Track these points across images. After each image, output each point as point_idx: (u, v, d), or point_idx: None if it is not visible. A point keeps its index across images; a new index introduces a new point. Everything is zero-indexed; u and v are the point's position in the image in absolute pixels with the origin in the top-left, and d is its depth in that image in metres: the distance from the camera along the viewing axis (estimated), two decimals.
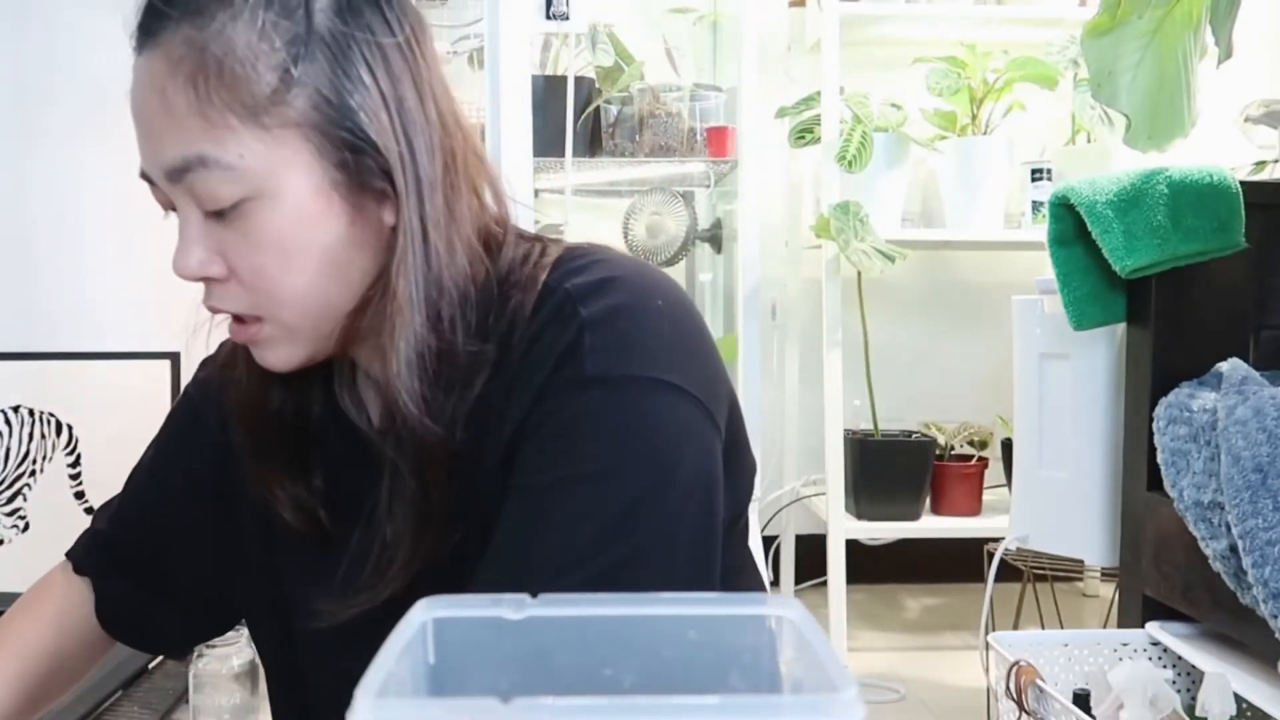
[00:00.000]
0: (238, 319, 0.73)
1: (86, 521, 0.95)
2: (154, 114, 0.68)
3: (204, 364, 0.90)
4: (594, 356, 0.68)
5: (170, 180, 0.69)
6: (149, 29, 0.68)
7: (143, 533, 0.89)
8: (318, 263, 0.70)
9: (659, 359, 0.69)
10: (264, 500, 0.80)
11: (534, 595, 0.63)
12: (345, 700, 0.38)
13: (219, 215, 0.69)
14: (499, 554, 0.68)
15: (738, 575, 0.80)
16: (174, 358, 2.37)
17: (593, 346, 0.68)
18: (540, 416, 0.69)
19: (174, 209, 0.71)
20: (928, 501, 2.37)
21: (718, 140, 2.41)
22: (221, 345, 0.86)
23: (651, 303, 0.71)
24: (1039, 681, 1.21)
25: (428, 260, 0.70)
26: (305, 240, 0.69)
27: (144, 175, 0.71)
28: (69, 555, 0.92)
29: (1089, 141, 2.41)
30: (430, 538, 0.72)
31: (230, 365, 0.82)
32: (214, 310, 0.74)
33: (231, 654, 1.11)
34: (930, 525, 2.34)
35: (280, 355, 0.74)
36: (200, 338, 0.80)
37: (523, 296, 0.72)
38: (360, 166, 0.69)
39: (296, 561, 0.82)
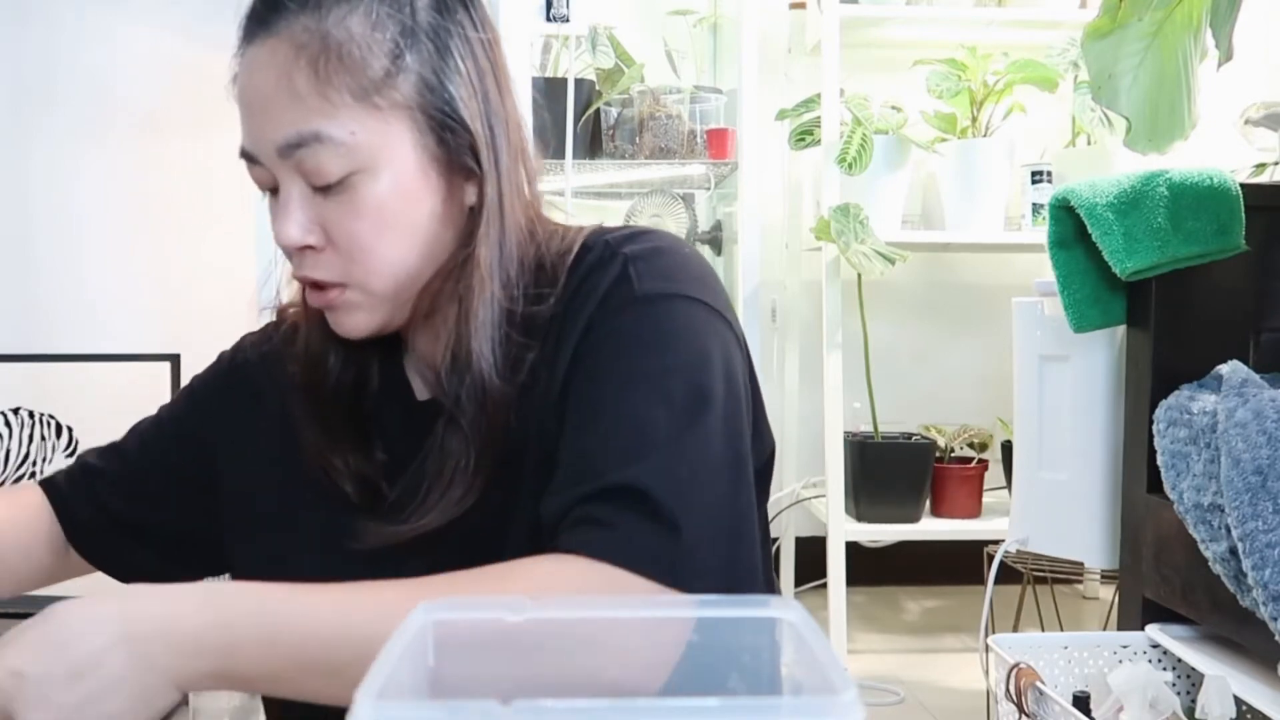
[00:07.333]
0: (316, 286, 0.78)
1: None
2: (272, 94, 0.74)
3: (252, 341, 0.94)
4: (641, 280, 0.77)
5: (281, 156, 0.75)
6: (265, 20, 0.75)
7: (144, 479, 0.92)
8: (411, 235, 0.77)
9: (699, 285, 0.79)
10: (324, 470, 0.83)
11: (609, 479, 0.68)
12: None
13: (323, 189, 0.75)
14: (570, 455, 0.73)
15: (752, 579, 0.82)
16: (174, 359, 2.36)
17: (639, 273, 0.77)
18: (595, 340, 0.76)
19: (272, 189, 0.77)
20: (928, 504, 2.37)
21: (718, 142, 2.42)
22: (268, 326, 0.92)
23: (683, 248, 0.82)
24: (1039, 684, 1.21)
25: (503, 234, 0.79)
26: (404, 212, 0.77)
27: (245, 155, 0.77)
28: (46, 482, 0.93)
29: (1089, 144, 2.41)
30: (479, 482, 0.77)
31: (291, 340, 0.87)
32: (303, 280, 0.80)
33: None
34: (930, 527, 2.34)
35: (358, 321, 0.79)
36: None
37: (559, 260, 0.80)
38: (454, 145, 0.77)
39: (351, 529, 0.83)
